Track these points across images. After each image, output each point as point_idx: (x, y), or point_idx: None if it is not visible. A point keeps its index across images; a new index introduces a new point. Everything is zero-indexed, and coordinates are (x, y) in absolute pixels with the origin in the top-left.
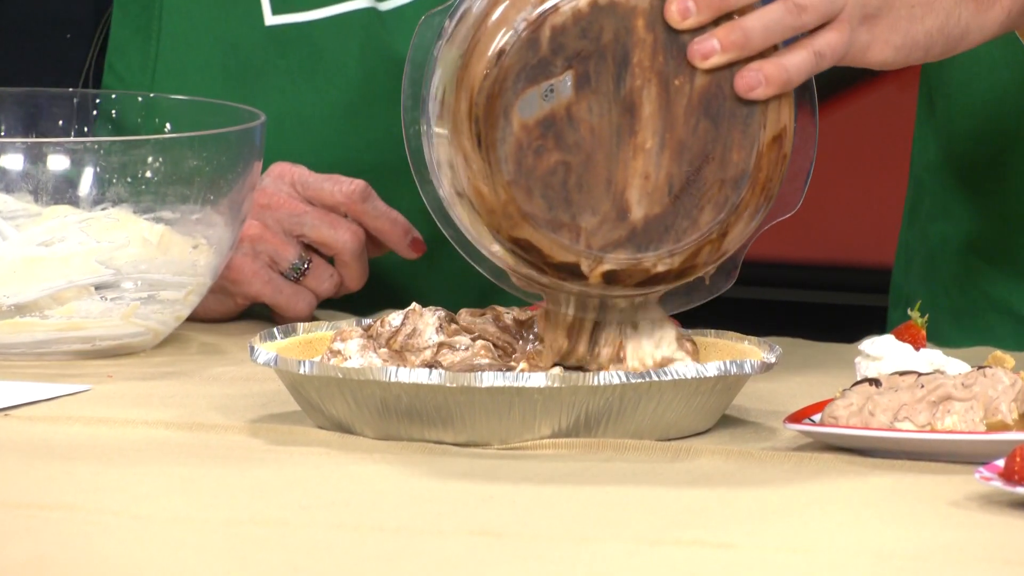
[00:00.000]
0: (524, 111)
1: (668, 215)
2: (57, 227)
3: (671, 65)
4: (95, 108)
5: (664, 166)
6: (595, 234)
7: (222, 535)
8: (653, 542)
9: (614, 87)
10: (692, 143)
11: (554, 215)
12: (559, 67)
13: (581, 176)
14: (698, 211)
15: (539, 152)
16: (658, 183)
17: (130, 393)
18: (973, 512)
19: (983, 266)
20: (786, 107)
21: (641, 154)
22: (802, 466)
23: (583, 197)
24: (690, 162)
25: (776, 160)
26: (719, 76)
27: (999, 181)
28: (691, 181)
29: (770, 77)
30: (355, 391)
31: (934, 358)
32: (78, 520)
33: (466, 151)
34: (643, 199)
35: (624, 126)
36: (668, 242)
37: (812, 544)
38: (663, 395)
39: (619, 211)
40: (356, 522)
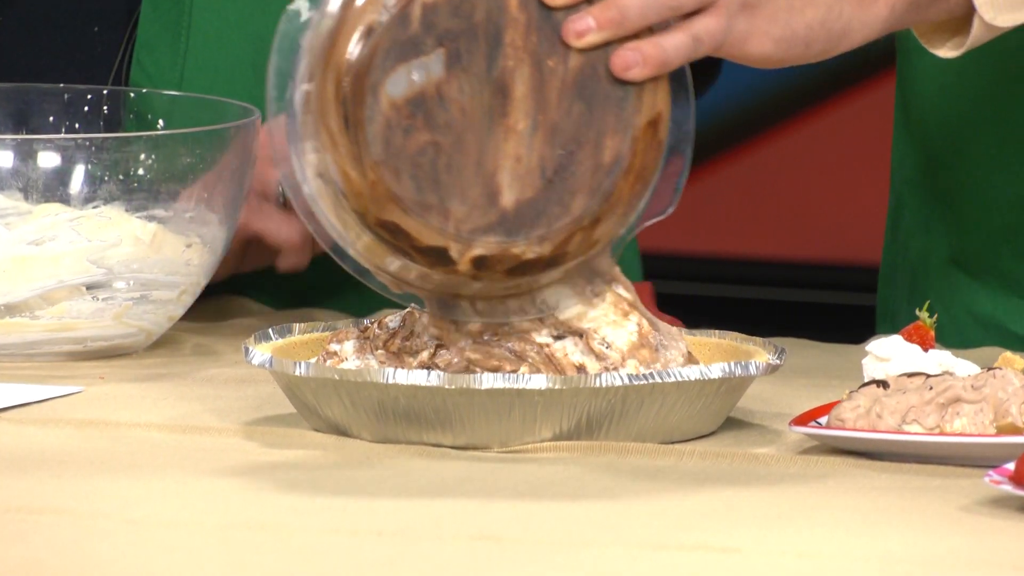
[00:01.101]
0: (393, 89)
1: (540, 200)
2: (48, 225)
3: (545, 45)
4: (86, 104)
5: (536, 149)
6: (465, 218)
7: (216, 539)
8: (656, 547)
9: (486, 67)
10: (565, 126)
11: (423, 197)
12: (430, 45)
13: (451, 157)
14: (570, 196)
15: (408, 132)
16: (530, 166)
17: (122, 395)
18: (983, 516)
19: (965, 280)
20: (662, 92)
21: (513, 136)
22: (808, 469)
23: (453, 179)
24: (563, 145)
25: (651, 146)
26: (594, 57)
27: (978, 193)
28: (563, 165)
29: (647, 57)
30: (352, 393)
31: (943, 359)
32: (69, 524)
33: (333, 133)
34: (514, 183)
35: (496, 107)
36: (539, 227)
37: (819, 549)
38: (666, 397)
39: (489, 195)
40: (353, 526)
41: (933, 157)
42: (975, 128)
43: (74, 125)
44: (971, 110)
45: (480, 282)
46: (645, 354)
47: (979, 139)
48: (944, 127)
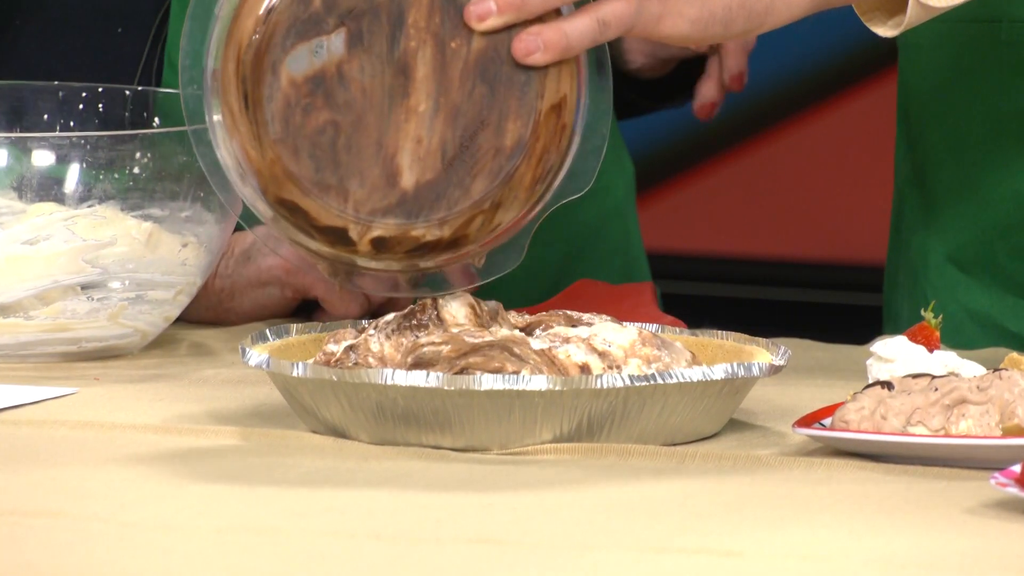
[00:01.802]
0: (293, 67)
1: (440, 182)
2: (42, 225)
3: (448, 27)
4: (81, 102)
5: (438, 131)
6: (364, 199)
7: (212, 543)
8: (658, 550)
9: (388, 47)
10: (467, 108)
11: (321, 176)
12: (331, 24)
13: (351, 137)
14: (471, 179)
15: (307, 110)
16: (431, 148)
17: (117, 396)
18: (988, 519)
19: (962, 278)
20: (567, 76)
21: (414, 117)
22: (812, 472)
23: (352, 159)
24: (465, 128)
25: (554, 130)
26: (497, 40)
27: (974, 191)
28: (465, 148)
29: (549, 43)
30: (350, 394)
31: (948, 360)
32: (64, 527)
33: (233, 111)
34: (414, 164)
35: (397, 88)
36: (439, 210)
37: (822, 552)
38: (668, 398)
39: (389, 176)
40: (351, 529)
41: (930, 154)
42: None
43: (69, 123)
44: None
45: (378, 261)
46: (648, 352)
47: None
48: (941, 124)
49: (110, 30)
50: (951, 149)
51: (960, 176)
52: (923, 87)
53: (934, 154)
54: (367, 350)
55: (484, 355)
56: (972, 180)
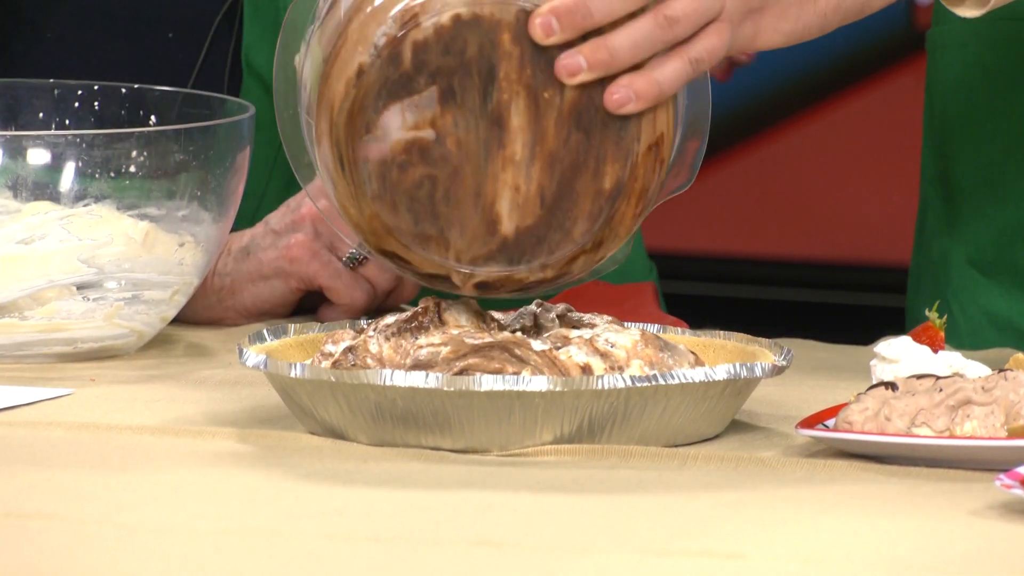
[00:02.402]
0: (387, 127)
1: (540, 227)
2: (37, 224)
3: (540, 78)
4: (77, 100)
5: (535, 178)
6: (466, 248)
7: (210, 545)
8: (659, 552)
9: (480, 101)
10: (564, 155)
11: (421, 229)
12: (422, 83)
13: (448, 189)
14: (571, 223)
15: (403, 167)
16: (529, 195)
17: (113, 397)
18: (993, 521)
19: (980, 280)
20: (663, 115)
21: (511, 166)
22: (815, 473)
23: (451, 211)
24: (562, 173)
25: (652, 168)
26: (591, 88)
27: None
28: (564, 193)
29: (640, 92)
30: (348, 395)
31: (953, 361)
32: (59, 529)
33: (330, 170)
34: (514, 211)
35: (492, 139)
36: (541, 255)
37: (825, 554)
38: (670, 399)
39: (489, 224)
40: (350, 532)
41: (954, 154)
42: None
43: (64, 121)
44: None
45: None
46: (650, 353)
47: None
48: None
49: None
50: (974, 149)
51: (982, 177)
52: (949, 86)
53: (958, 154)
54: (366, 351)
55: (484, 356)
56: (994, 181)
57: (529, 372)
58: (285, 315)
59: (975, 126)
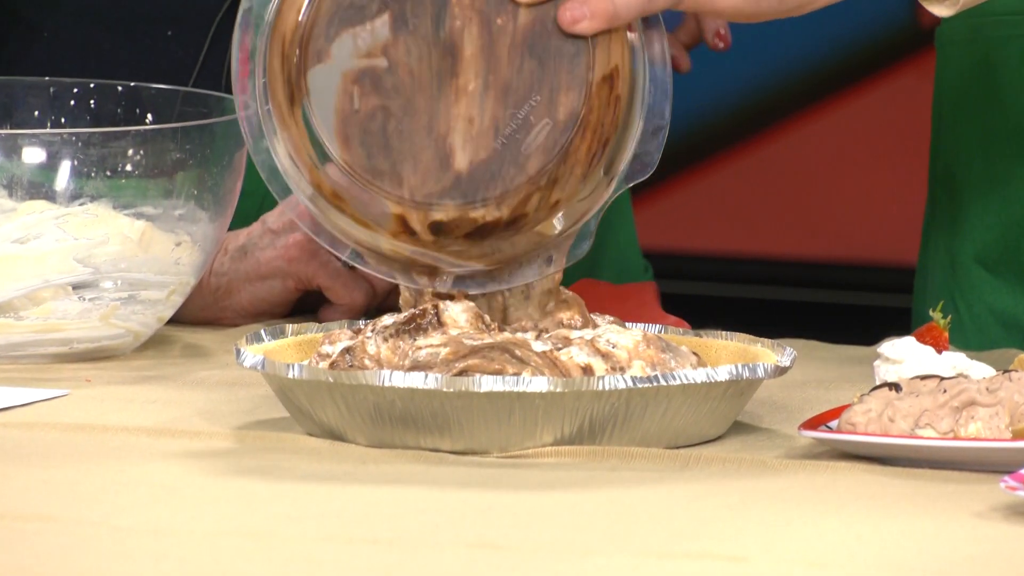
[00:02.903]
0: (338, 55)
1: (494, 161)
2: (33, 223)
3: (493, 3)
4: (73, 98)
5: (489, 109)
6: (419, 184)
7: (207, 547)
8: (661, 555)
9: (433, 28)
10: (518, 84)
11: (373, 163)
12: (375, 9)
13: (401, 122)
14: (525, 156)
15: (356, 98)
16: (483, 127)
17: (110, 398)
18: (998, 523)
19: (988, 278)
20: (617, 46)
21: (464, 97)
22: (818, 475)
23: (403, 144)
24: (516, 104)
25: (607, 101)
26: (543, 13)
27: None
28: (517, 124)
29: (595, 11)
30: (347, 396)
31: (957, 361)
32: (55, 531)
33: (282, 109)
34: (467, 144)
35: (445, 68)
36: (495, 189)
37: (828, 557)
38: (671, 400)
39: (442, 158)
40: (348, 534)
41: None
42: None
43: (60, 120)
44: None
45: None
46: (652, 354)
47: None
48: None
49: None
50: (980, 146)
51: (987, 174)
52: (955, 83)
53: (963, 152)
54: (364, 352)
55: (484, 357)
56: (999, 178)
57: (529, 373)
58: (283, 315)
59: (982, 122)
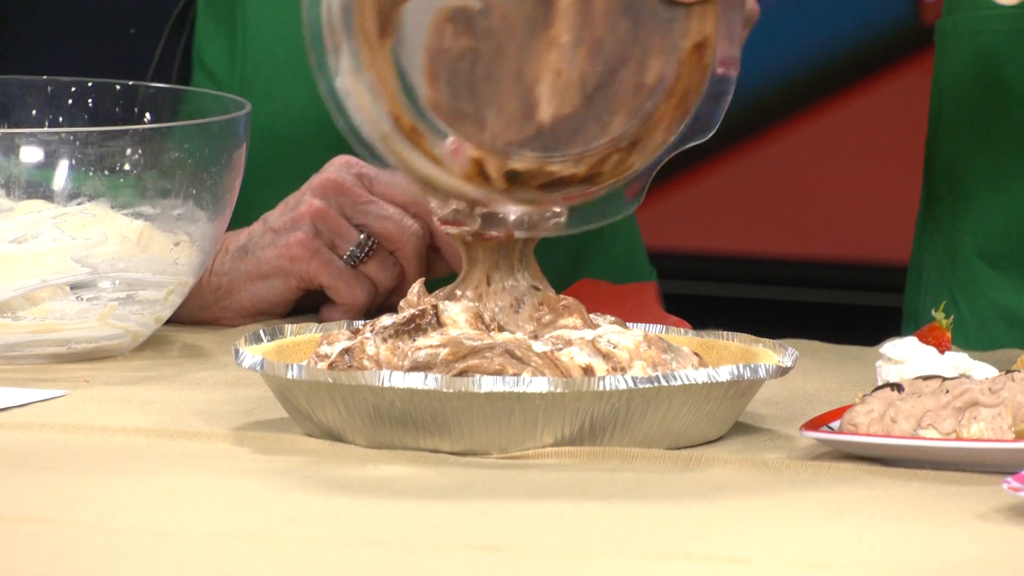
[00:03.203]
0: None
1: (578, 117)
2: (30, 223)
3: None
4: (70, 97)
5: (578, 64)
6: (501, 131)
7: (205, 549)
8: (662, 557)
9: None
10: (609, 43)
11: (457, 104)
12: None
13: (490, 66)
14: (610, 116)
15: (447, 36)
16: (570, 81)
17: (107, 399)
18: (1001, 525)
19: (991, 274)
20: (710, 17)
21: (555, 48)
22: (820, 476)
23: (490, 89)
24: (606, 62)
25: (696, 70)
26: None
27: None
28: (605, 83)
29: None
30: (346, 397)
31: (960, 362)
32: (52, 533)
33: (371, 41)
34: (554, 97)
35: (538, 17)
36: (576, 145)
37: (830, 559)
38: (672, 401)
39: (527, 107)
40: (347, 536)
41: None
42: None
43: (58, 119)
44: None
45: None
46: (653, 354)
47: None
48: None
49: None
50: (984, 141)
51: (993, 168)
52: (960, 76)
53: (967, 146)
54: (363, 353)
55: (484, 357)
56: (1005, 172)
57: (530, 373)
58: (283, 315)
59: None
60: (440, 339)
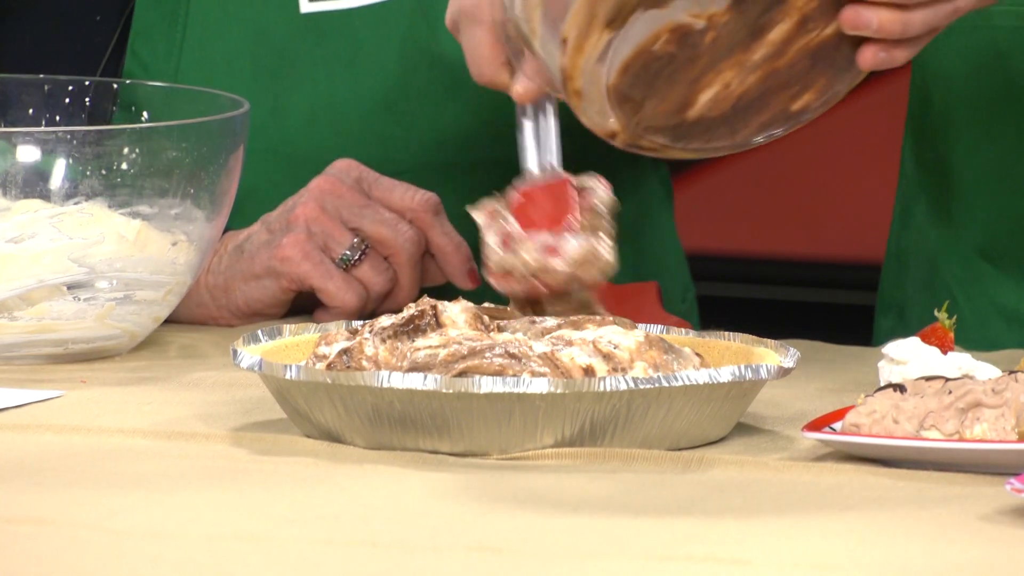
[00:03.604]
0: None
1: (717, 121)
2: (27, 222)
3: (818, 11)
4: (68, 96)
5: (747, 83)
6: (650, 117)
7: (203, 551)
8: (663, 558)
9: (758, 14)
10: (782, 73)
11: (628, 90)
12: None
13: (676, 71)
14: (743, 127)
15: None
16: (731, 94)
17: (105, 399)
18: (1004, 527)
19: (991, 271)
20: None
21: (737, 67)
22: (822, 477)
23: (665, 86)
24: (769, 87)
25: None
26: (850, 37)
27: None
28: (757, 101)
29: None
30: (345, 397)
31: (962, 362)
32: (49, 535)
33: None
34: (710, 103)
35: (741, 44)
36: (698, 141)
37: (832, 560)
38: (673, 402)
39: (682, 105)
40: (346, 537)
41: (959, 142)
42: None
43: (55, 117)
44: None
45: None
46: (654, 355)
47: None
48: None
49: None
50: (986, 137)
51: (993, 165)
52: (954, 72)
53: (964, 141)
54: (361, 354)
55: (484, 358)
56: (1006, 169)
57: (530, 374)
58: (278, 316)
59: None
60: (439, 340)
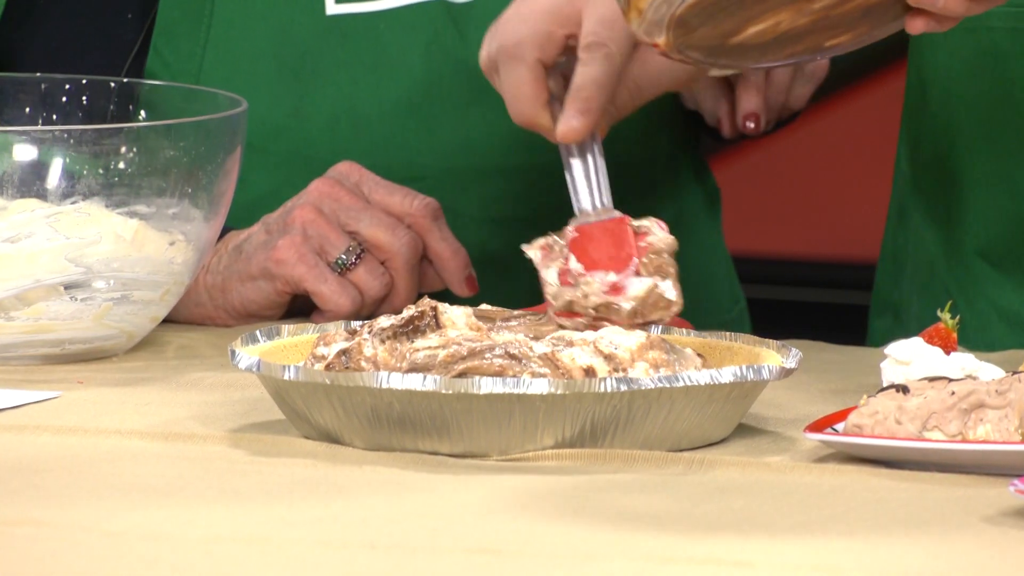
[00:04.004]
0: None
1: (753, 47)
2: (23, 222)
3: None
4: (64, 95)
5: (797, 23)
6: (698, 40)
7: (201, 553)
8: (664, 560)
9: None
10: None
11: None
12: None
13: (741, 6)
14: (773, 55)
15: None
16: (777, 28)
17: (102, 400)
18: (1007, 528)
19: (991, 273)
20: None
21: (795, 11)
22: (824, 479)
23: (723, 18)
24: (814, 25)
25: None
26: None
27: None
28: (795, 35)
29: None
30: (344, 398)
31: (966, 363)
32: (46, 537)
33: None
34: (755, 34)
35: None
36: (729, 59)
37: (834, 562)
38: (675, 403)
39: (728, 34)
40: (345, 539)
41: (958, 143)
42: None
43: (51, 116)
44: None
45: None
46: (655, 355)
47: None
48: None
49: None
50: (986, 139)
51: (995, 166)
52: (952, 72)
53: (964, 142)
54: (360, 354)
55: (483, 359)
56: (1008, 171)
57: (530, 375)
58: (275, 317)
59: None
60: (439, 340)
